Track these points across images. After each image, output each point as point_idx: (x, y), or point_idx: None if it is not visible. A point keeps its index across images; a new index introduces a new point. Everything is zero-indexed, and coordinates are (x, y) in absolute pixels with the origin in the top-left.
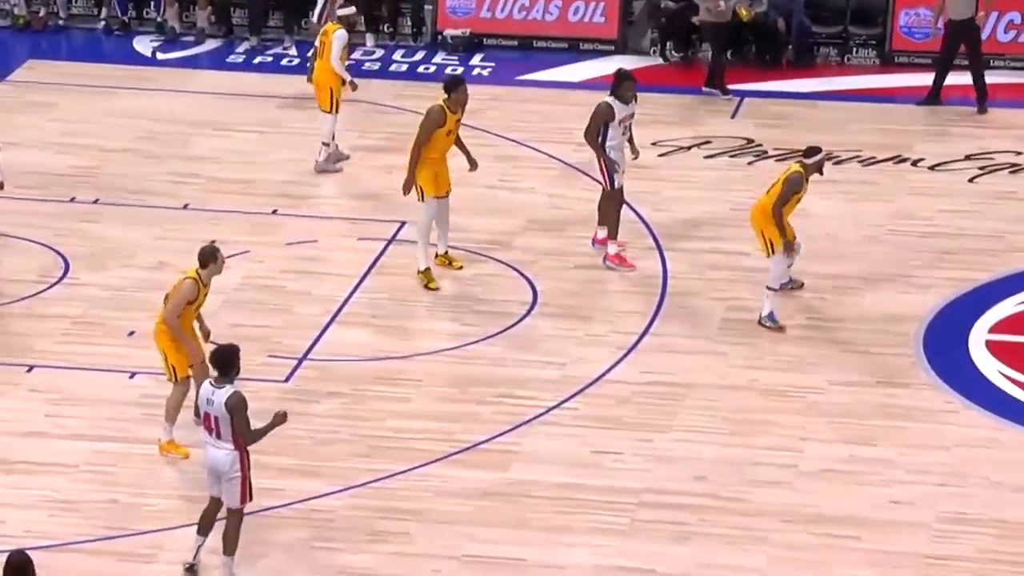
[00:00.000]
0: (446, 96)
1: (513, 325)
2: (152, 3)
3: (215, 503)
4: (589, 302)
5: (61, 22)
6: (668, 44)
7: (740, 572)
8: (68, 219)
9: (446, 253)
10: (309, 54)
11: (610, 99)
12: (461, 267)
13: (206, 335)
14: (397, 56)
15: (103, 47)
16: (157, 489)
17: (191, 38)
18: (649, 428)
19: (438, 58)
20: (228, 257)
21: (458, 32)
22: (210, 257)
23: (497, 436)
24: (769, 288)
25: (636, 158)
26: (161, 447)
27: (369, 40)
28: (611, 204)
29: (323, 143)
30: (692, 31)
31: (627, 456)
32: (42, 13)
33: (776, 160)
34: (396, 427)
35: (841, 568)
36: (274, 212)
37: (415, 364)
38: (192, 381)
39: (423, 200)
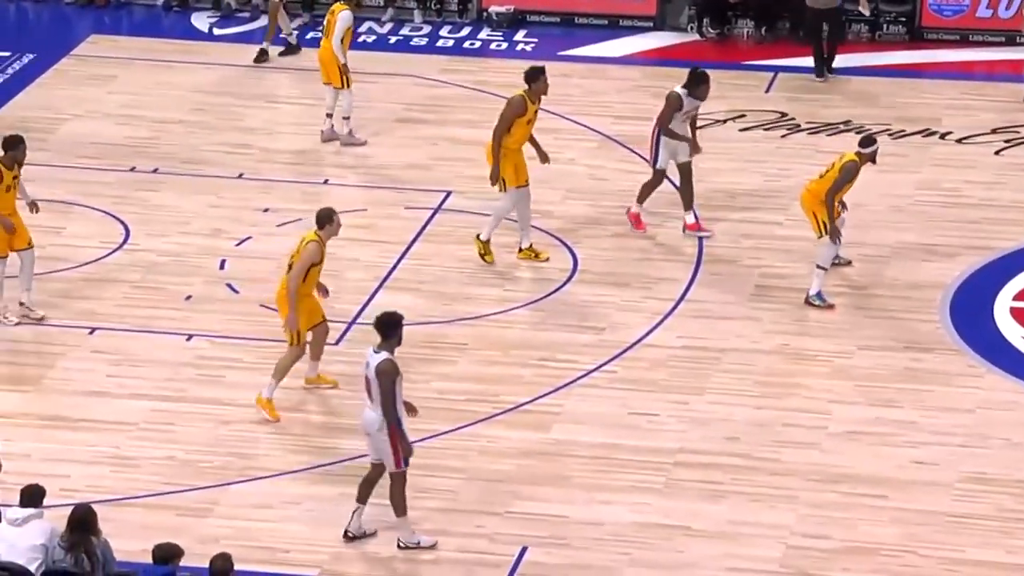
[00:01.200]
0: (527, 87)
1: (554, 291)
2: None
3: (374, 470)
4: (627, 269)
5: None
6: (705, 20)
7: (771, 529)
8: (128, 188)
9: (530, 246)
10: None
11: (682, 91)
12: (548, 259)
13: (324, 292)
14: (443, 32)
15: (162, 23)
16: (213, 447)
17: (246, 14)
18: (684, 391)
19: (483, 34)
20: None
21: (502, 9)
22: (327, 218)
23: (539, 398)
24: (819, 267)
25: (697, 152)
26: (258, 400)
27: (417, 16)
28: (651, 183)
29: (343, 117)
30: (728, 8)
31: (663, 418)
32: None
33: (808, 134)
34: (442, 389)
35: (867, 526)
36: (325, 182)
37: (460, 328)
38: (307, 348)
39: (504, 191)
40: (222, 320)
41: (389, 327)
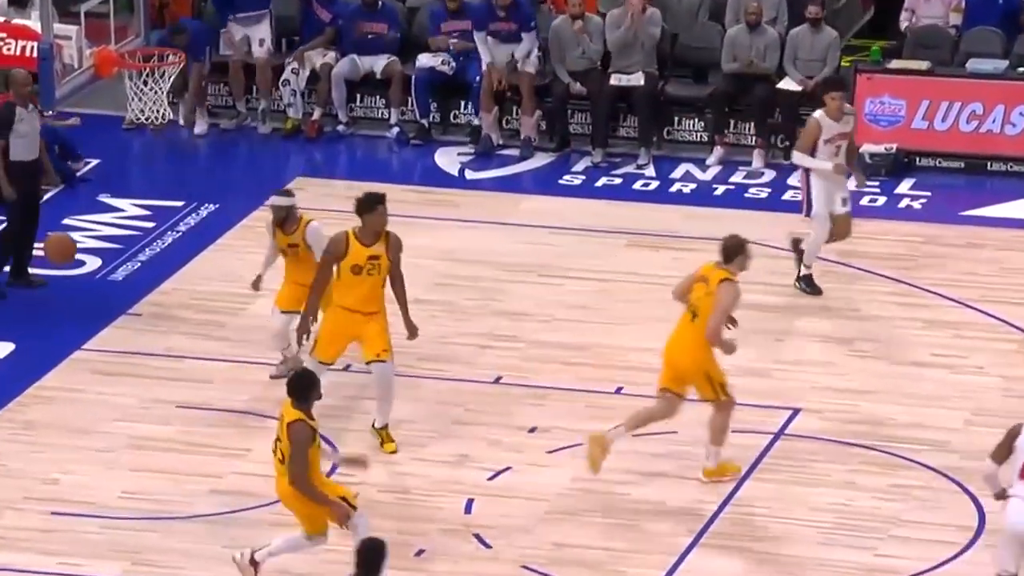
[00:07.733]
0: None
1: (950, 559)
2: (463, 103)
3: None
4: None
5: (341, 128)
6: None
7: None
8: (342, 395)
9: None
10: None
11: None
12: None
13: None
14: (793, 180)
15: (394, 161)
16: None
17: (513, 151)
18: None
19: (851, 183)
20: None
21: (880, 148)
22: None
23: None
24: None
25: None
26: (707, 472)
27: (757, 159)
28: None
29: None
30: None
31: None
32: (316, 115)
33: None
34: None
35: None
36: (617, 391)
37: None
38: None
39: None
40: None
41: None
